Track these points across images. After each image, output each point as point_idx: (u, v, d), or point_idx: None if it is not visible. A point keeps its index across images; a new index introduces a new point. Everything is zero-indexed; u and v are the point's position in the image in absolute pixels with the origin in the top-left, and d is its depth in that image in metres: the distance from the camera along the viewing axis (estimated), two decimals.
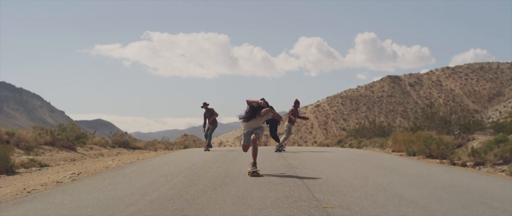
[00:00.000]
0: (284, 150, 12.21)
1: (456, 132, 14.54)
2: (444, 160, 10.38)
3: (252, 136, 5.99)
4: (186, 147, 24.89)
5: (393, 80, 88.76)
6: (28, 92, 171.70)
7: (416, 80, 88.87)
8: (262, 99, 6.18)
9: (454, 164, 9.83)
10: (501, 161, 9.28)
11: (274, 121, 11.95)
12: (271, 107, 6.35)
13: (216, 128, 13.92)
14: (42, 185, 5.42)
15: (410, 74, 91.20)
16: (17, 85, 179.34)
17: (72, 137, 14.49)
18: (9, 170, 8.73)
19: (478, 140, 12.06)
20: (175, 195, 4.12)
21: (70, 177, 6.26)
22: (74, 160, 12.09)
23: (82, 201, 3.98)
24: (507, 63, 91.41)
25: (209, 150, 12.91)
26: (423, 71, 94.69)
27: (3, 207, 3.87)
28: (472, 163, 9.62)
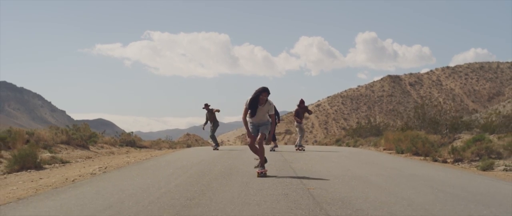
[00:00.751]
0: (303, 150, 12.37)
1: (444, 132, 15.70)
2: (427, 157, 11.53)
3: (258, 136, 6.05)
4: (189, 146, 25.92)
5: (394, 79, 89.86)
6: (29, 91, 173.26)
7: (416, 79, 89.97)
8: (264, 88, 6.06)
9: (436, 160, 10.97)
10: (477, 158, 10.44)
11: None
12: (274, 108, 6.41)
13: (218, 128, 14.25)
14: (80, 176, 6.60)
15: (410, 74, 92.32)
16: (18, 85, 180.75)
17: (86, 137, 15.66)
18: (37, 165, 9.90)
19: (463, 139, 13.22)
20: (193, 181, 5.29)
21: (99, 170, 7.43)
22: (89, 157, 13.23)
23: (121, 186, 5.16)
24: (507, 62, 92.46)
25: (218, 149, 13.25)
26: (423, 71, 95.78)
27: (62, 190, 5.04)
28: (451, 160, 10.78)
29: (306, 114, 13.73)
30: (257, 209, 3.56)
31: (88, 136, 16.08)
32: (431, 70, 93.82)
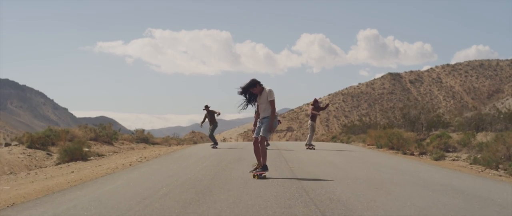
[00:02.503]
0: (313, 148, 12.70)
1: (422, 130, 18.38)
2: (399, 151, 14.21)
3: (260, 136, 6.24)
4: (195, 142, 28.47)
5: (394, 77, 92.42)
6: (31, 89, 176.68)
7: (417, 77, 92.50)
8: (250, 83, 6.19)
9: (405, 153, 13.65)
10: (438, 151, 13.11)
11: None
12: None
13: (216, 128, 14.89)
14: (131, 163, 9.32)
15: (411, 71, 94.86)
16: (21, 83, 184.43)
17: (111, 134, 18.43)
18: (83, 157, 12.65)
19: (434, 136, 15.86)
20: (215, 164, 8.02)
21: (141, 159, 10.16)
22: (116, 152, 15.94)
23: (168, 167, 7.88)
24: (507, 60, 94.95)
25: (216, 148, 13.66)
26: (425, 68, 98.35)
27: (129, 170, 7.76)
28: (417, 153, 13.45)
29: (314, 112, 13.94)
30: None
31: (112, 134, 18.83)
32: (431, 68, 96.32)
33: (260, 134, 6.27)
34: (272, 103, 6.29)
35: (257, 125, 6.45)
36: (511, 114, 15.35)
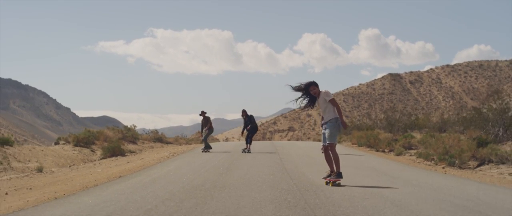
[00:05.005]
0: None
1: (398, 131, 22.16)
2: (373, 148, 18.01)
3: (328, 144, 6.39)
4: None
5: (394, 77, 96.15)
6: (34, 89, 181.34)
7: (417, 77, 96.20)
8: (309, 82, 6.36)
9: (377, 151, 17.44)
10: (402, 149, 16.88)
11: (253, 129, 13.93)
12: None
13: (212, 132, 15.80)
14: (167, 156, 13.15)
15: (411, 72, 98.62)
16: (23, 82, 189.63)
17: (135, 135, 22.29)
18: (122, 153, 16.46)
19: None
20: (229, 157, 11.87)
21: (172, 154, 13.99)
22: (141, 149, 19.75)
23: (196, 159, 11.71)
24: (506, 61, 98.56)
25: (208, 151, 14.39)
26: (426, 68, 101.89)
27: (172, 160, 11.59)
28: (387, 150, 17.25)
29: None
30: (258, 162, 10.11)
31: (136, 135, 22.68)
32: (431, 68, 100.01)
33: (327, 141, 6.42)
34: (332, 101, 6.41)
35: (322, 132, 6.56)
36: (466, 117, 19.09)
